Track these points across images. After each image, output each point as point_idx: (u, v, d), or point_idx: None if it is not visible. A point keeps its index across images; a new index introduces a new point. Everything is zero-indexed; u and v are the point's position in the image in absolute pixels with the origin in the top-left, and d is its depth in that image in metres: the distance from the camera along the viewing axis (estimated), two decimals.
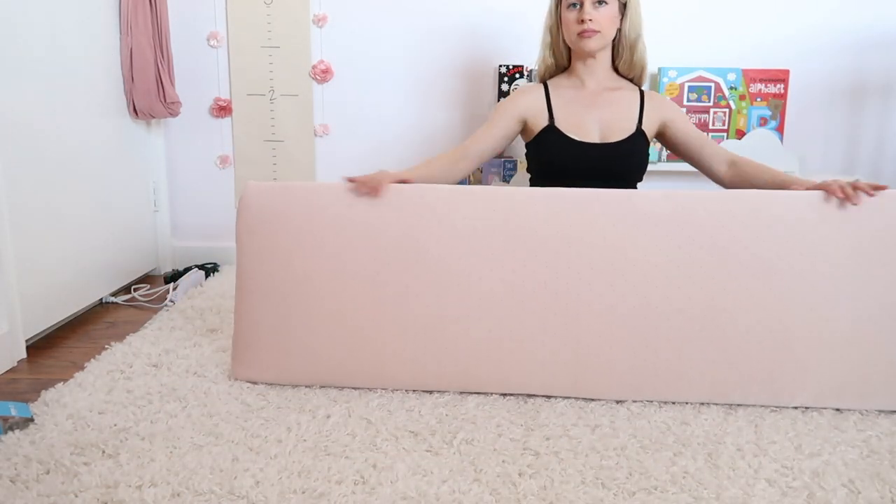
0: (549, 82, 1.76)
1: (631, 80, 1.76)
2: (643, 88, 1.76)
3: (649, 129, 1.71)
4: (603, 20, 1.62)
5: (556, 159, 1.67)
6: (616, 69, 1.74)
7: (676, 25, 2.50)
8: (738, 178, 1.65)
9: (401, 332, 1.40)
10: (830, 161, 2.60)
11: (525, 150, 1.77)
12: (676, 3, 2.50)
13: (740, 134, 2.46)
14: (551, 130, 1.67)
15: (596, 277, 1.35)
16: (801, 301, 1.33)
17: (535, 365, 1.38)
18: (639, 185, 1.76)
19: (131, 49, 2.27)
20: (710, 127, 2.47)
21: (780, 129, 2.47)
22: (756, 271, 1.33)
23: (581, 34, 1.62)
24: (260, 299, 1.44)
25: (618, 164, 1.67)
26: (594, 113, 1.68)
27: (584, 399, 1.40)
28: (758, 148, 2.37)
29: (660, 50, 1.67)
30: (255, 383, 1.47)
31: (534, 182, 1.79)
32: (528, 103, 1.71)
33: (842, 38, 2.51)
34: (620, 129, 1.67)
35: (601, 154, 1.65)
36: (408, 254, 1.39)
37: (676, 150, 1.76)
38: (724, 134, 2.47)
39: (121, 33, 2.27)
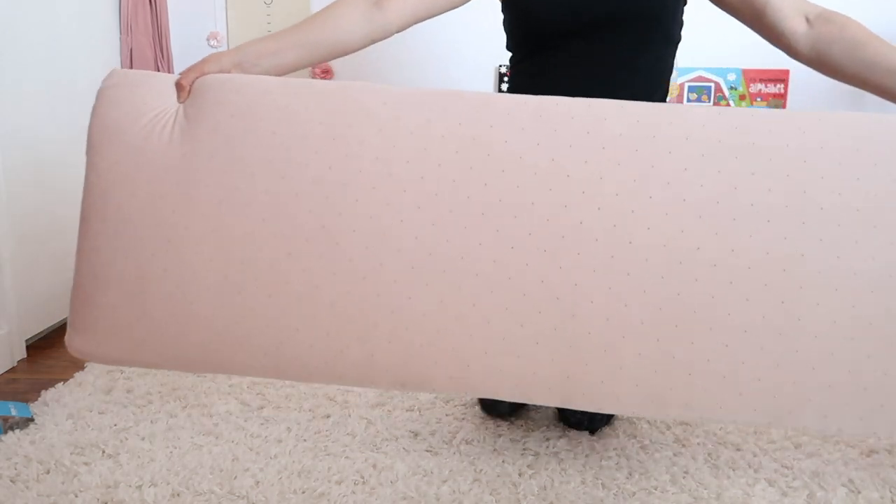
0: None
1: None
2: None
3: None
4: None
5: (533, 4, 1.16)
6: None
7: None
8: (827, 45, 1.08)
9: (310, 296, 0.96)
10: None
11: None
12: None
13: None
14: None
15: (569, 254, 0.94)
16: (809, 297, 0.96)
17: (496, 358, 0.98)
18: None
19: (131, 49, 2.27)
20: None
21: None
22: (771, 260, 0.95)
23: None
24: (112, 236, 0.98)
25: (631, 3, 1.12)
26: None
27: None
28: None
29: None
30: (104, 364, 1.06)
31: (511, 46, 1.28)
32: None
33: None
34: None
35: None
36: (330, 178, 0.96)
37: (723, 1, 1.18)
38: None
39: (121, 33, 2.27)
